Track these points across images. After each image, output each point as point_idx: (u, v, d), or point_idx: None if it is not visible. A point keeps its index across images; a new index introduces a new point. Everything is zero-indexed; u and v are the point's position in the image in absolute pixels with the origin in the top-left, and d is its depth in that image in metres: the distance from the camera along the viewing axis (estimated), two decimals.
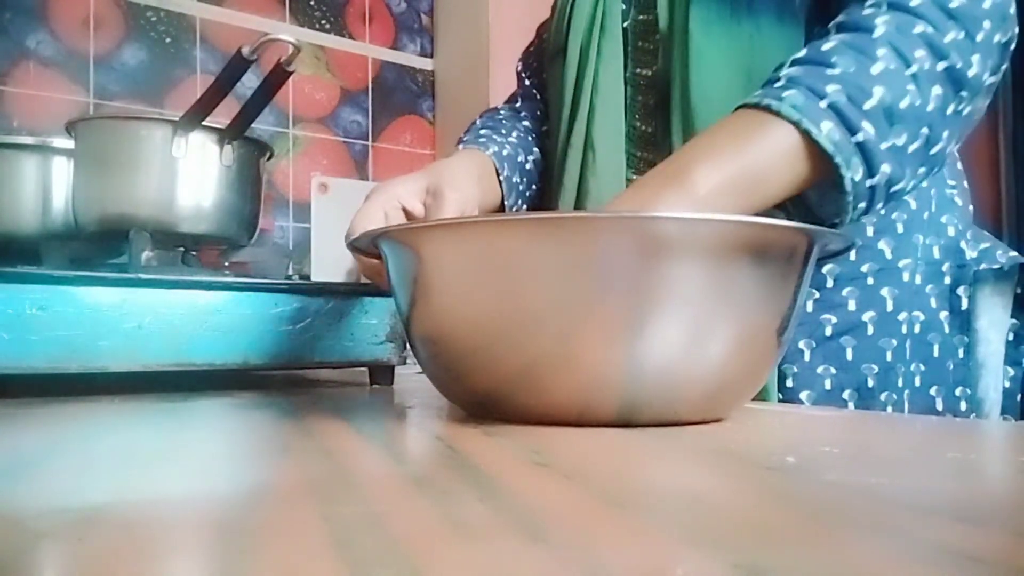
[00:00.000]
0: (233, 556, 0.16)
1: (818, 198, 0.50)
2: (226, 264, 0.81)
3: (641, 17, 0.64)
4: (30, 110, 1.63)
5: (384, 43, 2.12)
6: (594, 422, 0.36)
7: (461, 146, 0.72)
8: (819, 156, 0.45)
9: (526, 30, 0.87)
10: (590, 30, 0.65)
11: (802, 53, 0.48)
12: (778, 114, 0.45)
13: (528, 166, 0.74)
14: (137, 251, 0.70)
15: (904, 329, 0.58)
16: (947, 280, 0.61)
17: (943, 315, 0.61)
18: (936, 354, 0.60)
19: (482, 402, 0.39)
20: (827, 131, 0.45)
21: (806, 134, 0.45)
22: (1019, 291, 0.62)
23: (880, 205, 0.49)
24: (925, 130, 0.47)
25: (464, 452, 0.30)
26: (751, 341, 0.37)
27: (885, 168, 0.46)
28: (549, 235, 0.34)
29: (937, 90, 0.47)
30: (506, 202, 0.69)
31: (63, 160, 0.87)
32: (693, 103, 0.57)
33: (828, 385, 0.57)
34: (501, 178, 0.69)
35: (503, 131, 0.74)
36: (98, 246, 0.83)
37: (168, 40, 1.79)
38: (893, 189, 0.48)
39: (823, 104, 0.45)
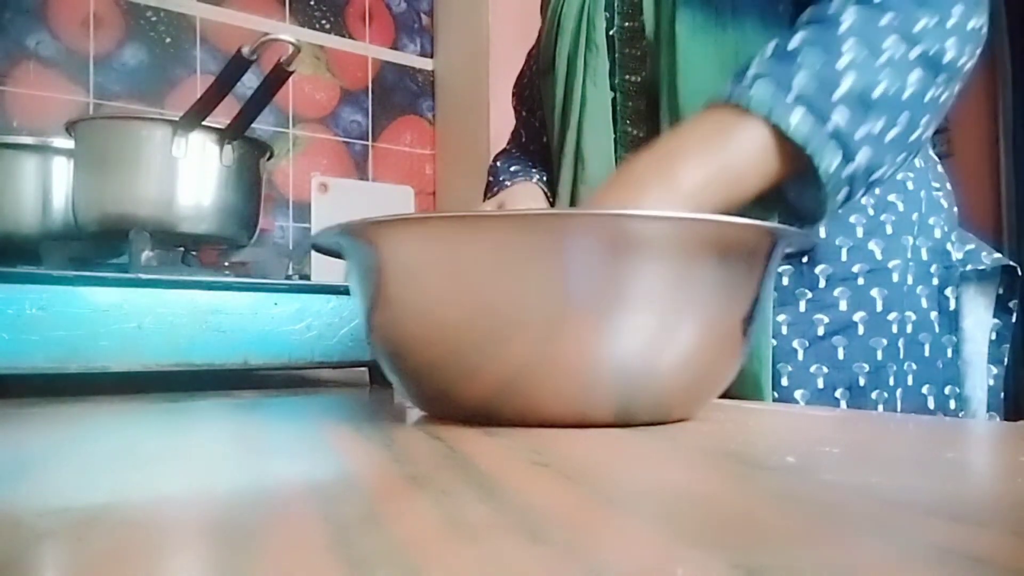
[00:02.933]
0: (233, 556, 0.16)
1: (796, 192, 0.50)
2: (226, 264, 0.81)
3: (627, 24, 0.64)
4: (30, 110, 1.63)
5: (384, 43, 2.12)
6: (585, 425, 0.36)
7: (508, 183, 0.76)
8: (792, 148, 0.46)
9: (526, 30, 0.87)
10: (576, 44, 0.66)
11: (767, 51, 0.49)
12: (747, 110, 0.46)
13: None
14: (137, 251, 0.70)
15: (895, 329, 0.59)
16: (935, 281, 0.62)
17: (933, 315, 0.62)
18: (927, 353, 0.61)
19: (464, 416, 0.38)
20: (796, 123, 0.45)
21: (776, 128, 0.45)
22: (1001, 292, 0.63)
23: (861, 193, 0.49)
24: (904, 117, 0.48)
25: (464, 452, 0.30)
26: (718, 337, 0.37)
27: (863, 156, 0.46)
28: (515, 233, 0.33)
29: (914, 76, 0.47)
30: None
31: (63, 160, 0.87)
32: (681, 107, 0.58)
33: (821, 384, 0.58)
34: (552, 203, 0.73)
35: (530, 164, 0.78)
36: (98, 246, 0.83)
37: (168, 40, 1.79)
38: (873, 177, 0.48)
39: (791, 96, 0.45)
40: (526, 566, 0.15)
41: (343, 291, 0.61)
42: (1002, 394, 0.63)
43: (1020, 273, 0.63)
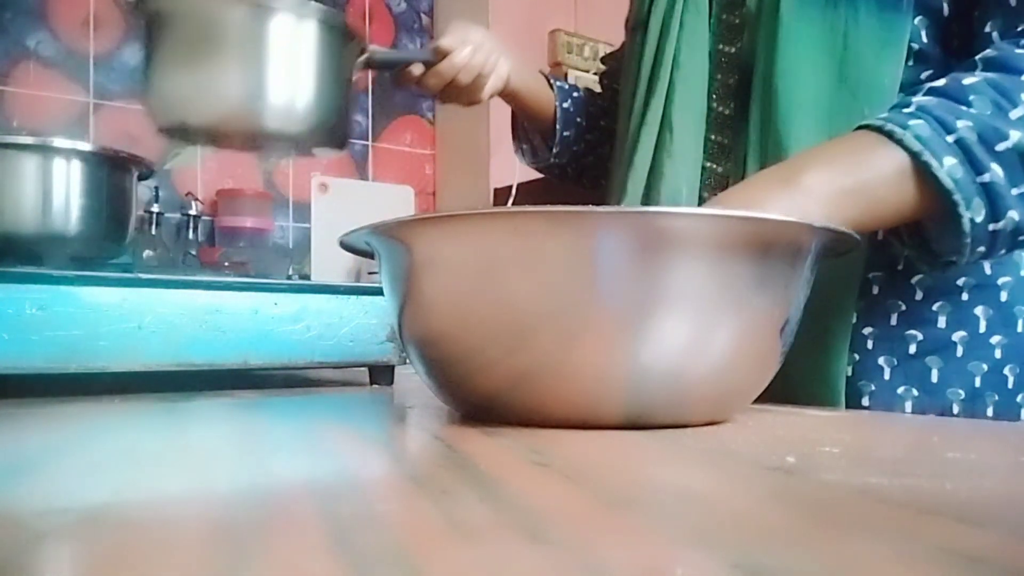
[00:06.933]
0: (233, 556, 0.16)
1: (936, 232, 0.47)
2: (226, 264, 0.81)
3: None
4: (30, 110, 1.63)
5: (384, 43, 2.12)
6: (598, 425, 0.35)
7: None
8: (937, 191, 0.43)
9: (526, 30, 0.87)
10: (673, 2, 0.61)
11: (941, 83, 0.46)
12: (900, 143, 0.44)
13: (586, 133, 0.77)
14: (137, 251, 0.70)
15: (998, 354, 0.54)
16: None
17: None
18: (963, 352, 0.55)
19: (482, 406, 0.39)
20: (949, 167, 0.43)
21: (926, 167, 0.43)
22: None
23: (1003, 251, 0.47)
24: None
25: (464, 452, 0.30)
26: (755, 340, 0.37)
27: (1013, 214, 0.44)
28: (546, 230, 0.33)
29: None
30: (557, 126, 0.76)
31: (63, 160, 0.87)
32: (776, 88, 0.54)
33: (909, 408, 0.54)
34: (557, 104, 0.75)
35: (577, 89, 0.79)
36: (98, 246, 0.82)
37: None
38: (1022, 237, 0.46)
39: (950, 139, 0.43)
40: (526, 566, 0.15)
41: (343, 291, 0.61)
42: None
43: None
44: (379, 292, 0.63)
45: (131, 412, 0.44)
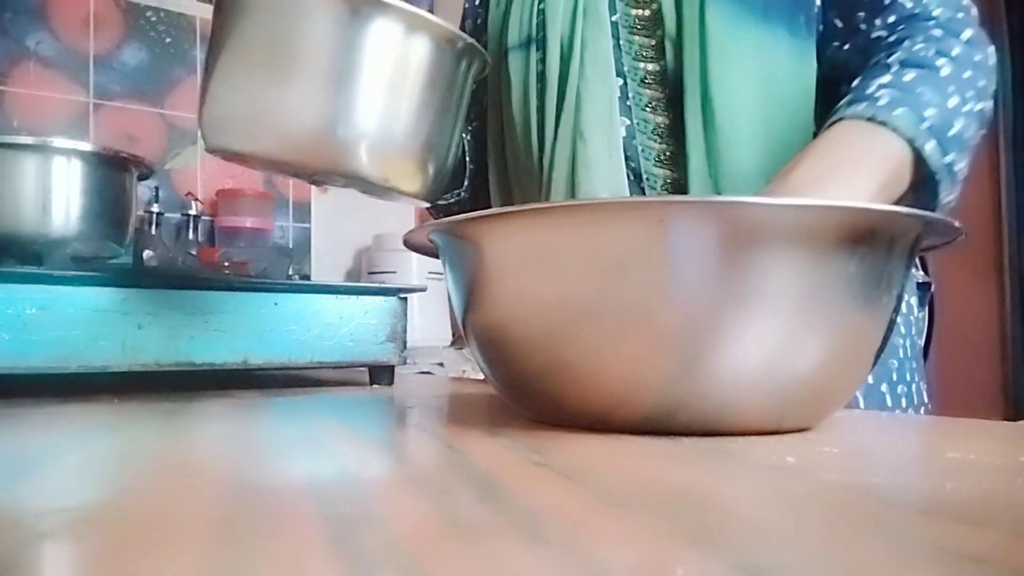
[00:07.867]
0: (233, 556, 0.16)
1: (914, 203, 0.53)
2: (226, 264, 0.81)
3: (635, 12, 0.63)
4: (30, 110, 1.63)
5: None
6: (647, 427, 0.33)
7: None
8: (919, 173, 0.50)
9: None
10: (573, 21, 0.64)
11: (886, 78, 0.52)
12: (889, 129, 0.49)
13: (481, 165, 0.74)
14: (138, 251, 0.70)
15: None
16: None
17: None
18: (903, 354, 0.64)
19: (534, 392, 0.36)
20: (929, 151, 0.49)
21: (917, 152, 0.49)
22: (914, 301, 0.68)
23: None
24: (968, 159, 0.53)
25: (464, 452, 0.30)
26: (846, 348, 0.33)
27: (955, 193, 0.52)
28: (615, 221, 0.31)
29: (975, 127, 0.53)
30: (466, 157, 0.74)
31: (63, 160, 0.87)
32: (714, 103, 0.58)
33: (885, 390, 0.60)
34: (463, 136, 0.72)
35: None
36: (98, 246, 0.83)
37: (168, 40, 1.79)
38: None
39: (924, 125, 0.49)
40: (526, 566, 0.15)
41: (343, 291, 0.61)
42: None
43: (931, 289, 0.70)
44: (379, 292, 0.63)
45: (131, 412, 0.44)
